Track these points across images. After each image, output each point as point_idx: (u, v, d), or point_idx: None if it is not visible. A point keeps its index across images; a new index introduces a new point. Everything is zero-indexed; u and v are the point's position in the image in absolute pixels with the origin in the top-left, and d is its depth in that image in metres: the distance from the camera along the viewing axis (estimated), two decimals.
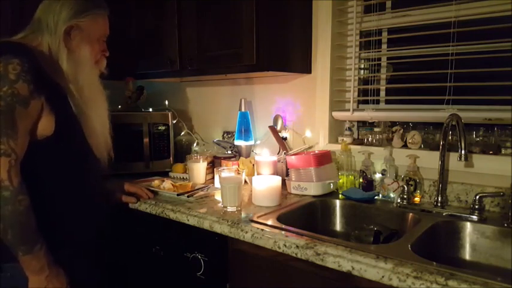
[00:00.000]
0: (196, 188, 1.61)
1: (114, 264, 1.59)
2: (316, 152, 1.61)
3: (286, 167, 1.61)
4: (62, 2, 1.16)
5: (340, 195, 1.52)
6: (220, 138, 2.13)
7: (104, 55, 1.31)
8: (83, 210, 1.20)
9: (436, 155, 1.39)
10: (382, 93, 1.73)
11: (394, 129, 1.63)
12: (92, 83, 1.24)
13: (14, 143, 0.99)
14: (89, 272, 1.22)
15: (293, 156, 1.55)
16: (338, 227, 1.48)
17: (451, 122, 1.29)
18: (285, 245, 1.06)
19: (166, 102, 2.30)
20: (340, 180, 1.59)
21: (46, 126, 1.08)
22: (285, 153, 1.68)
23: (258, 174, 1.59)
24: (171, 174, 1.90)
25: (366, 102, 1.72)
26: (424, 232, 1.15)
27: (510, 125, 1.37)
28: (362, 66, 1.79)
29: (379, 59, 1.71)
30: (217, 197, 1.49)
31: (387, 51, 1.67)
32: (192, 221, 1.30)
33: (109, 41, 1.36)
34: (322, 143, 1.76)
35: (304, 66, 1.76)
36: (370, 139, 1.68)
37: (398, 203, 1.40)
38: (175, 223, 1.36)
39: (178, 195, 1.51)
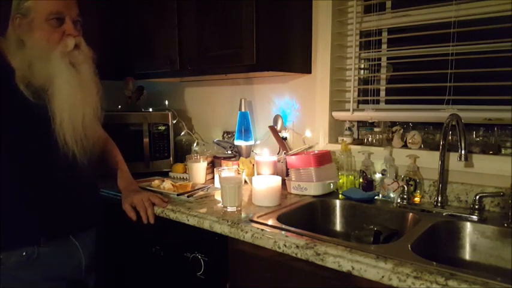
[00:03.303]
0: (196, 188, 1.61)
1: (113, 264, 1.59)
2: (316, 152, 1.61)
3: (286, 167, 1.61)
4: None
5: (340, 195, 1.52)
6: (220, 138, 2.13)
7: (69, 35, 1.18)
8: (31, 206, 1.15)
9: (436, 155, 1.39)
10: (382, 93, 1.73)
11: (394, 129, 1.63)
12: (50, 71, 1.15)
13: None
14: None
15: (293, 156, 1.55)
16: (338, 227, 1.48)
17: (451, 122, 1.29)
18: (285, 245, 1.06)
19: (166, 102, 2.30)
20: (340, 180, 1.59)
21: None
22: (285, 153, 1.68)
23: (258, 174, 1.59)
24: (171, 174, 1.90)
25: (366, 102, 1.72)
26: (424, 232, 1.15)
27: (510, 125, 1.37)
28: (362, 66, 1.79)
29: (379, 59, 1.71)
30: (217, 197, 1.49)
31: (387, 51, 1.67)
32: (192, 221, 1.30)
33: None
34: (322, 143, 1.76)
35: (304, 66, 1.76)
36: (370, 139, 1.68)
37: (398, 203, 1.40)
38: (175, 223, 1.35)
39: (178, 195, 1.51)
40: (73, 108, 1.17)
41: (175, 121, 2.08)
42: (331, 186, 1.55)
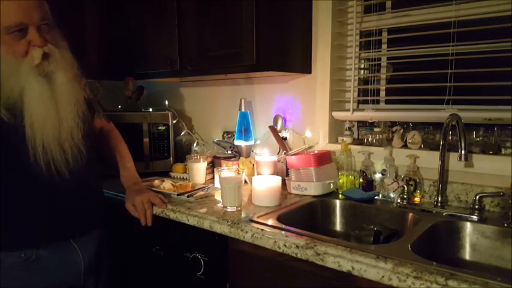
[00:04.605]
0: (196, 188, 1.61)
1: (113, 264, 1.59)
2: (316, 152, 1.61)
3: (286, 167, 1.61)
4: None
5: (340, 195, 1.52)
6: (220, 138, 2.13)
7: (34, 45, 1.08)
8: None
9: (436, 155, 1.39)
10: (382, 93, 1.73)
11: (394, 129, 1.63)
12: (17, 85, 1.07)
13: None
14: None
15: (293, 156, 1.55)
16: (338, 227, 1.48)
17: (451, 122, 1.29)
18: (285, 245, 1.06)
19: (166, 102, 2.30)
20: (340, 180, 1.59)
21: None
22: (285, 153, 1.68)
23: (258, 174, 1.59)
24: (171, 174, 1.90)
25: (366, 102, 1.72)
26: (424, 232, 1.15)
27: (510, 125, 1.37)
28: (362, 66, 1.79)
29: (379, 59, 1.71)
30: (217, 197, 1.49)
31: (387, 51, 1.67)
32: (192, 221, 1.30)
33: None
34: (322, 143, 1.76)
35: (304, 66, 1.76)
36: (370, 139, 1.68)
37: (398, 203, 1.40)
38: (175, 223, 1.35)
39: (178, 195, 1.51)
40: (47, 128, 1.10)
41: (175, 121, 2.09)
42: (331, 186, 1.55)
